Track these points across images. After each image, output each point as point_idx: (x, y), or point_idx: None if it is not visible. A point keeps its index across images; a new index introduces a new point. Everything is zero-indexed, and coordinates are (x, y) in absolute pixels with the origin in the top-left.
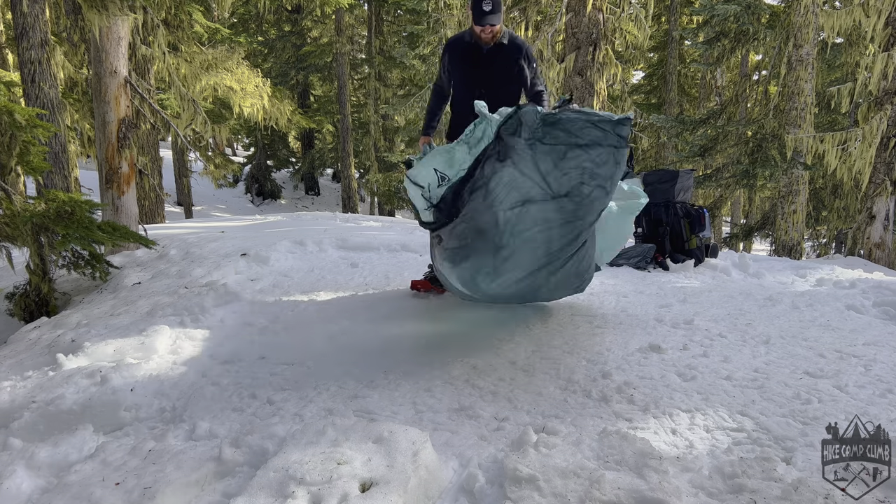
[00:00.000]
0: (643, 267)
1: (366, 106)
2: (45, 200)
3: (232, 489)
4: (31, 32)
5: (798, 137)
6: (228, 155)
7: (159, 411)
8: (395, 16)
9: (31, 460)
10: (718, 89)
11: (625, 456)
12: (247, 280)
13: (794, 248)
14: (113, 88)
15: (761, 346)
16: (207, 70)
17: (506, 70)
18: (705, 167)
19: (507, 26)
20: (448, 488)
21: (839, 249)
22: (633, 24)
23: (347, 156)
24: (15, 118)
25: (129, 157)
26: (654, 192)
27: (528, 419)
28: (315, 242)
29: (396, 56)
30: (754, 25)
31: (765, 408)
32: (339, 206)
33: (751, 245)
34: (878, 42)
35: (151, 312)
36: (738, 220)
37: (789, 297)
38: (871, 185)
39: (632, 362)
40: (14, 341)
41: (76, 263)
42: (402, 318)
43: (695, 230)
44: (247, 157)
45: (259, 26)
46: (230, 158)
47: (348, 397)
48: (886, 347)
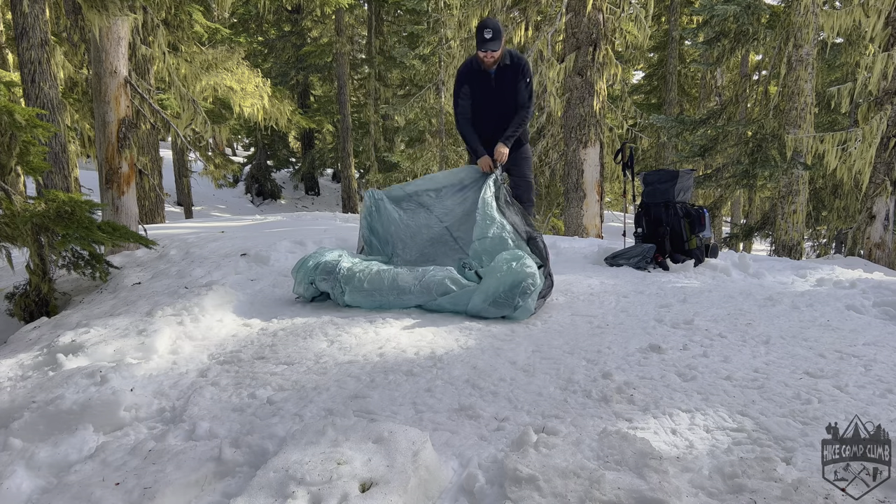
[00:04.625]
0: (643, 267)
1: (366, 106)
2: (45, 200)
3: (232, 489)
4: (31, 32)
5: (798, 137)
6: (228, 155)
7: (159, 411)
8: (395, 16)
9: (31, 460)
10: (718, 89)
11: (625, 456)
12: (247, 280)
13: (794, 248)
14: (113, 88)
15: (761, 346)
16: (207, 70)
17: (510, 89)
18: (705, 167)
19: (507, 26)
20: (448, 488)
21: (839, 249)
22: (633, 24)
23: (347, 156)
24: (15, 118)
25: (129, 157)
26: (654, 192)
27: (528, 419)
28: (315, 242)
29: (396, 56)
30: (754, 25)
31: (765, 408)
32: (339, 207)
33: (751, 245)
34: (878, 42)
35: (151, 312)
36: (738, 220)
37: (789, 297)
38: (871, 185)
39: (632, 362)
40: (14, 341)
41: (76, 263)
42: (402, 318)
43: (695, 230)
44: (247, 157)
45: (259, 26)
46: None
47: (348, 397)
48: (886, 347)
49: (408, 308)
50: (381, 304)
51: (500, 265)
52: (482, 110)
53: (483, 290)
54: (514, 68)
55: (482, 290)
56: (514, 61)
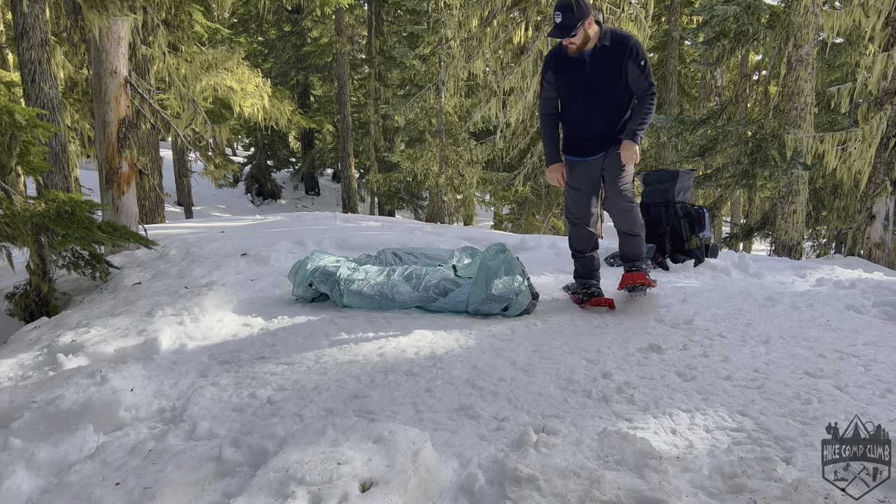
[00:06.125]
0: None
1: (366, 106)
2: (45, 200)
3: (232, 489)
4: (32, 32)
5: (798, 137)
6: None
7: (159, 411)
8: (395, 16)
9: (31, 460)
10: (718, 89)
11: (625, 456)
12: (247, 280)
13: (794, 248)
14: (113, 88)
15: (761, 346)
16: (207, 70)
17: (611, 77)
18: (705, 167)
19: (507, 26)
20: (448, 488)
21: (839, 249)
22: (633, 24)
23: (347, 156)
24: (15, 118)
25: (129, 157)
26: (654, 192)
27: (528, 419)
28: (315, 242)
29: (396, 56)
30: (754, 26)
31: (765, 408)
32: (339, 206)
33: (751, 245)
34: (878, 42)
35: (151, 312)
36: (738, 220)
37: (789, 297)
38: (871, 185)
39: (632, 362)
40: (14, 341)
41: (76, 263)
42: (403, 318)
43: (695, 230)
44: (247, 157)
45: (259, 26)
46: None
47: (348, 397)
48: (886, 347)
49: (407, 309)
50: (381, 306)
51: (487, 256)
52: (577, 103)
53: (480, 281)
54: (616, 49)
55: (479, 282)
56: (616, 40)
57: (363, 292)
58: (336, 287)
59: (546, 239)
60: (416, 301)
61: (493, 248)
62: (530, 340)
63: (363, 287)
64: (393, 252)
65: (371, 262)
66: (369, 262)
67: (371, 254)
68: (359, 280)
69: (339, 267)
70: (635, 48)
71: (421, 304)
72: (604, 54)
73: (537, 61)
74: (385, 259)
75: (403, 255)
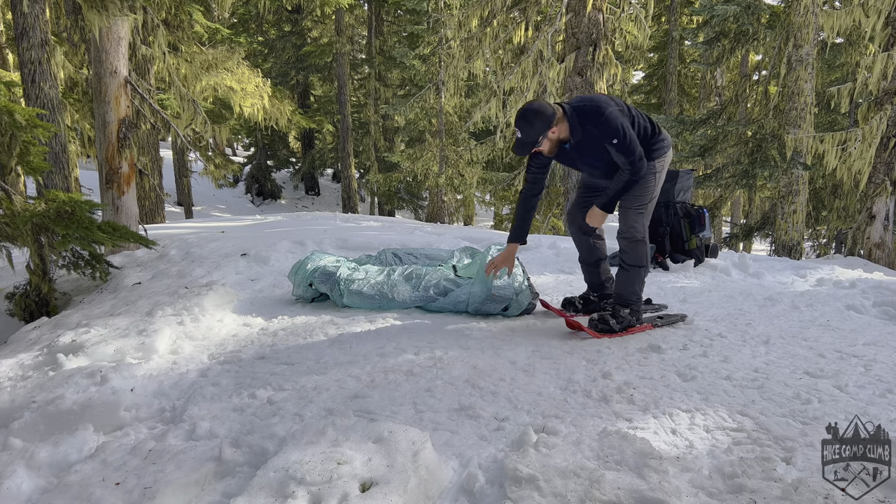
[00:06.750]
0: None
1: (366, 106)
2: (45, 200)
3: (232, 489)
4: (32, 32)
5: (798, 137)
6: (228, 155)
7: (159, 411)
8: (395, 16)
9: (31, 460)
10: (718, 89)
11: (625, 456)
12: (247, 280)
13: (794, 248)
14: (113, 88)
15: (761, 346)
16: (207, 70)
17: (598, 157)
18: (705, 167)
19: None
20: (448, 488)
21: (839, 249)
22: (633, 24)
23: (347, 156)
24: (15, 118)
25: (129, 157)
26: None
27: (528, 419)
28: (315, 242)
29: (396, 56)
30: (754, 25)
31: (765, 408)
32: (339, 206)
33: (751, 245)
34: (878, 42)
35: (151, 312)
36: (738, 220)
37: (789, 297)
38: (871, 185)
39: (632, 362)
40: (14, 341)
41: (76, 263)
42: (403, 318)
43: (695, 230)
44: (247, 157)
45: (259, 26)
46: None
47: (348, 397)
48: (886, 347)
49: (408, 309)
50: (381, 306)
51: (488, 256)
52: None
53: (480, 281)
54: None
55: (479, 282)
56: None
57: (363, 292)
58: (336, 287)
59: (546, 239)
60: (416, 301)
61: (493, 248)
62: (530, 340)
63: (363, 287)
64: (393, 252)
65: (371, 262)
66: (369, 262)
67: (371, 254)
68: (359, 280)
69: (339, 267)
70: (606, 127)
71: (421, 304)
72: (584, 142)
73: (537, 61)
74: (385, 259)
75: (403, 256)
